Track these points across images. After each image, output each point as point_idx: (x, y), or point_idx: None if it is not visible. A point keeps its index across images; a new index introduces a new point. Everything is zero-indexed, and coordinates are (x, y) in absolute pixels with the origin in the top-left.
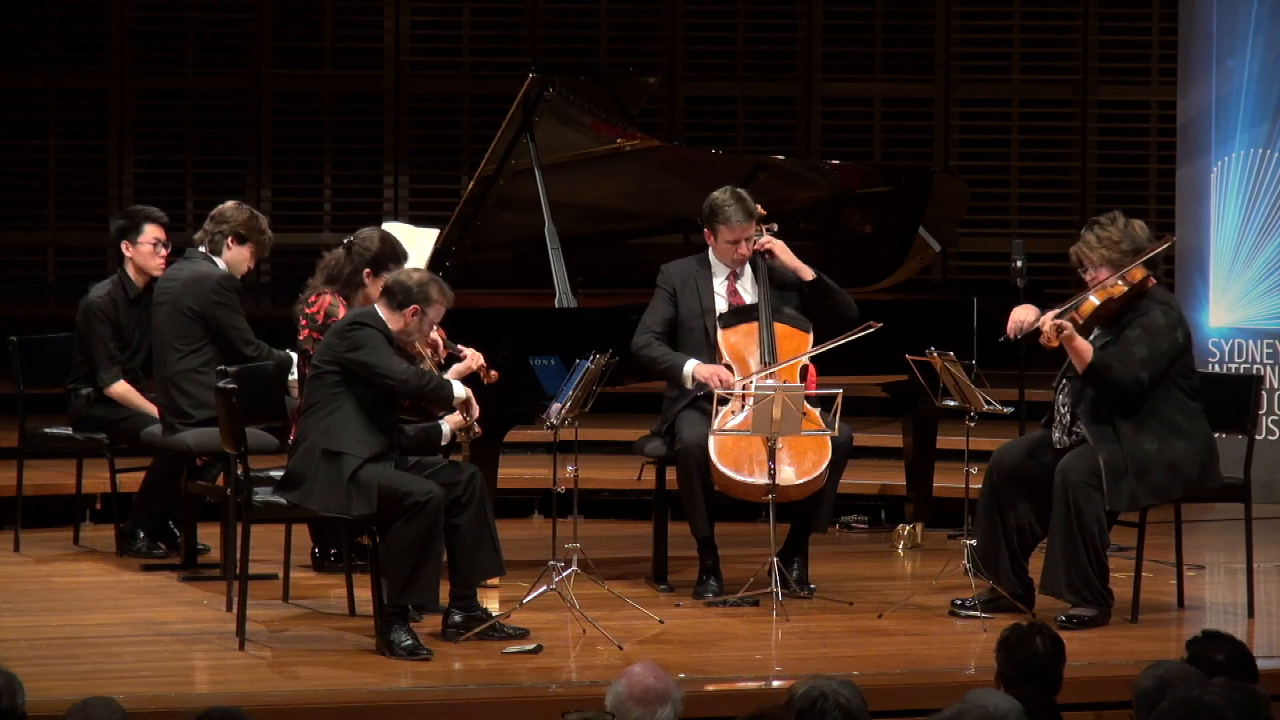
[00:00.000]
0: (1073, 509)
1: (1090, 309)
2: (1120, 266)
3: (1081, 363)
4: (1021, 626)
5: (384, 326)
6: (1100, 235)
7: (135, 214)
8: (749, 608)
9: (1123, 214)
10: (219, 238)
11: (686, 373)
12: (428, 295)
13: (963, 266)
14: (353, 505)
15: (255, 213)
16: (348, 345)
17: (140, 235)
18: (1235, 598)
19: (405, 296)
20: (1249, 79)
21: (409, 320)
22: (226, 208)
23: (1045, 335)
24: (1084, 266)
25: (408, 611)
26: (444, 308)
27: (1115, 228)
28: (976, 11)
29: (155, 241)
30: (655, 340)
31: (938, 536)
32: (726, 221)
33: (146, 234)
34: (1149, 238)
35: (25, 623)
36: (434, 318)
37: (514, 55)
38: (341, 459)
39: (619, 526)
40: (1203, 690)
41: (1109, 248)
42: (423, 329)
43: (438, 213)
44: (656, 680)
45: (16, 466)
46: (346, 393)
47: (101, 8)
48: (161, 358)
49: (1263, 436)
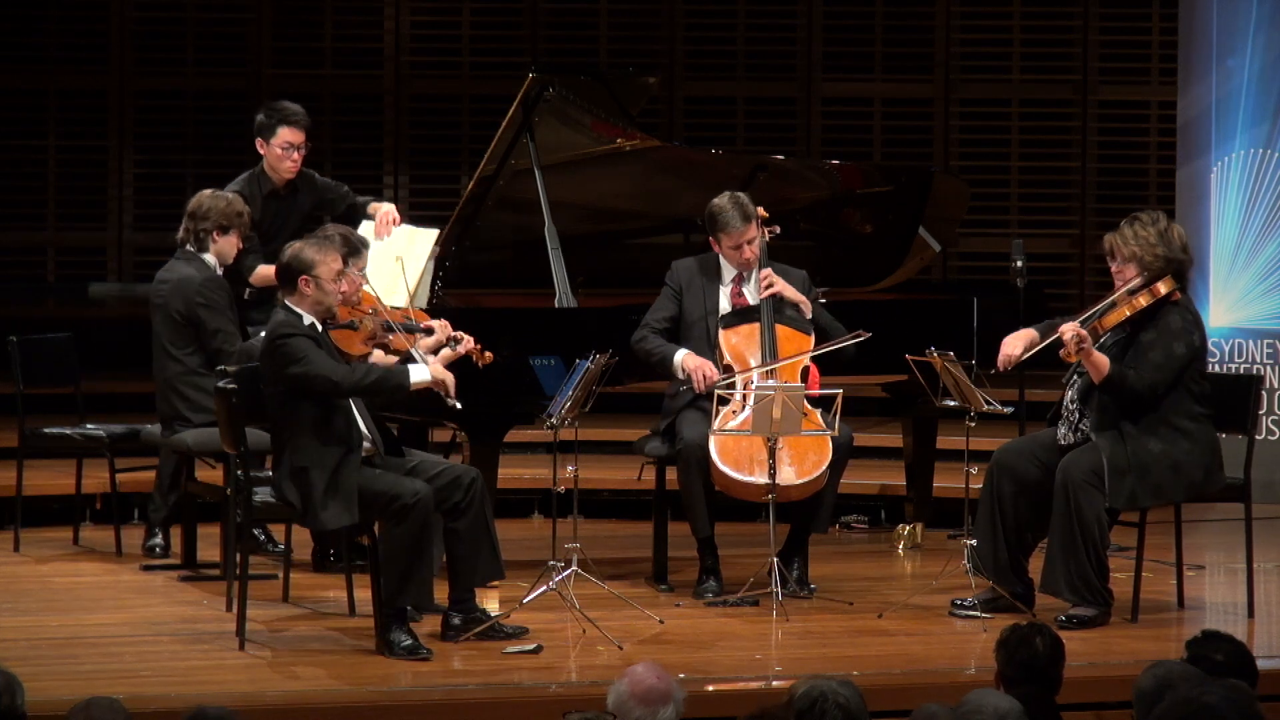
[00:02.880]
0: (1073, 508)
1: (1115, 321)
2: (1148, 268)
3: (1099, 374)
4: (1022, 627)
5: (304, 328)
6: (1138, 233)
7: (274, 112)
8: (749, 608)
9: (1166, 217)
10: (203, 234)
11: (676, 362)
12: (306, 260)
13: (963, 266)
14: (329, 517)
15: (228, 197)
16: (279, 362)
17: (274, 137)
18: (1235, 598)
19: (287, 273)
20: (1249, 79)
21: (309, 292)
22: (202, 203)
23: (1066, 349)
24: (1114, 256)
25: (406, 612)
26: (337, 256)
27: (1155, 229)
28: (976, 11)
29: (286, 145)
30: (652, 334)
31: (938, 536)
32: (725, 229)
33: (280, 136)
34: (1185, 248)
35: (25, 623)
36: (332, 271)
37: (514, 55)
38: (309, 473)
39: (619, 526)
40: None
41: (1143, 247)
42: (328, 291)
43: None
44: (659, 680)
45: (16, 466)
46: (298, 407)
47: (101, 8)
48: (159, 361)
49: (1263, 436)
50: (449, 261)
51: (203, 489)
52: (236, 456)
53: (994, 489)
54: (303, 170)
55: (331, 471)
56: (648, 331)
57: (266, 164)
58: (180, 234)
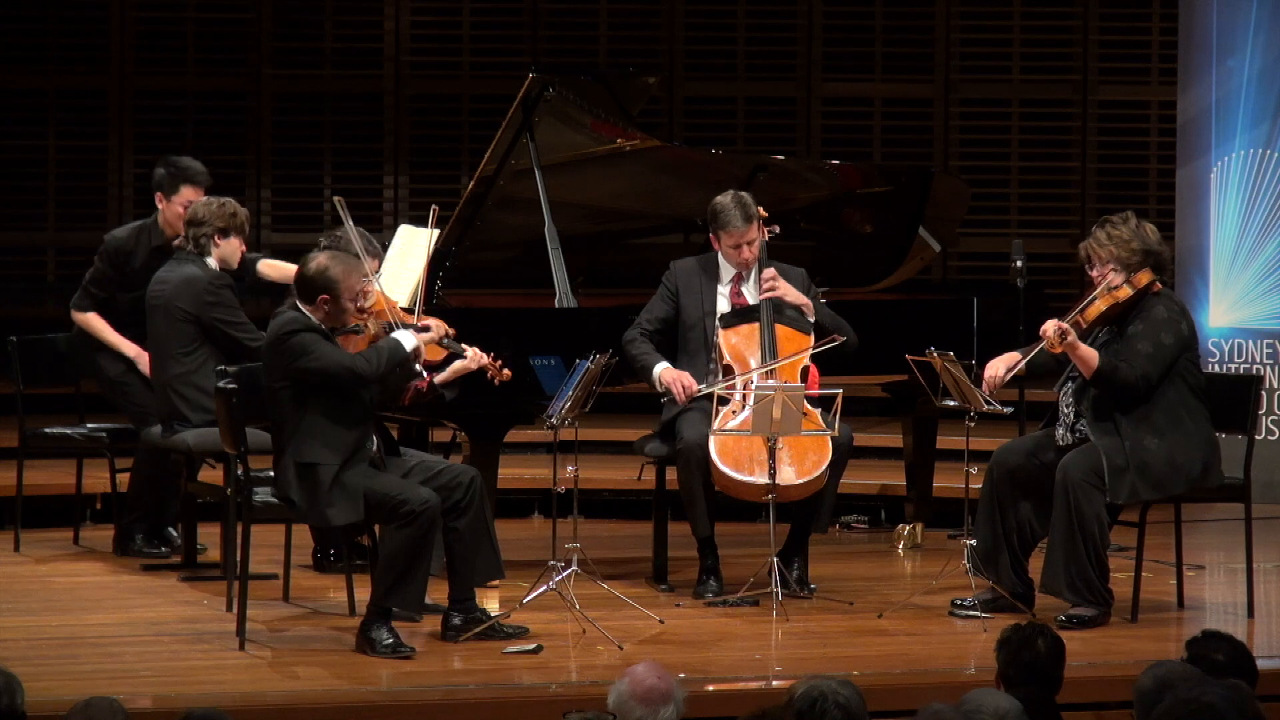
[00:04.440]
0: (1073, 508)
1: (1096, 313)
2: (1128, 266)
3: (1088, 368)
4: (1023, 627)
5: (310, 323)
6: (1111, 234)
7: (176, 172)
8: (749, 608)
9: (1135, 215)
10: (203, 239)
11: (655, 375)
12: (330, 280)
13: (963, 266)
14: (335, 514)
15: (224, 201)
16: (289, 357)
17: (176, 195)
18: (1235, 598)
19: (308, 287)
20: (1249, 79)
21: (325, 309)
22: (200, 210)
23: (1049, 340)
24: (1092, 263)
25: (391, 612)
26: (359, 277)
27: (1126, 227)
28: (976, 11)
29: (188, 204)
30: (641, 337)
31: (938, 536)
32: (726, 227)
33: (182, 195)
34: (1160, 242)
35: (25, 623)
36: (353, 292)
37: (514, 55)
38: (317, 469)
39: (619, 526)
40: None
41: (1119, 246)
42: (344, 309)
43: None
44: (660, 680)
45: (16, 466)
46: (305, 403)
47: (101, 8)
48: (159, 362)
49: (1263, 436)
50: (449, 261)
51: (203, 489)
52: (236, 456)
53: (994, 489)
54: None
55: (338, 469)
56: (637, 334)
57: (162, 218)
58: (178, 240)
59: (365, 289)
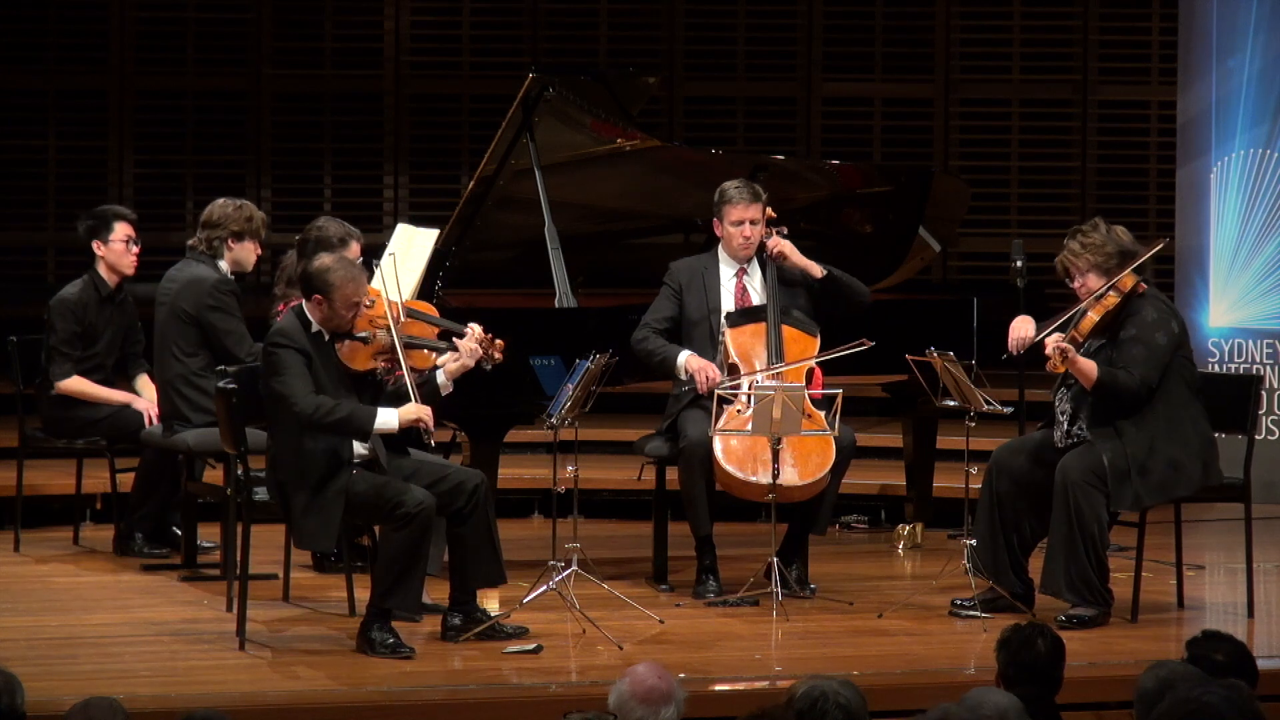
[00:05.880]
0: (1073, 508)
1: (1090, 325)
2: (1107, 271)
3: (1089, 381)
4: (1023, 627)
5: (301, 342)
6: (1084, 242)
7: (104, 213)
8: (749, 608)
9: (1103, 219)
10: (217, 242)
11: (679, 363)
12: (327, 284)
13: (963, 266)
14: (306, 539)
15: (242, 204)
16: (266, 370)
17: (111, 234)
18: (1235, 598)
19: (307, 283)
20: (1249, 79)
21: (321, 310)
22: (215, 211)
23: (1051, 361)
24: (1071, 275)
25: (390, 613)
26: (358, 289)
27: (1098, 234)
28: (976, 11)
29: (127, 239)
30: (653, 334)
31: (938, 536)
32: (731, 200)
33: (118, 232)
34: (1133, 241)
35: (25, 623)
36: (349, 301)
37: (514, 55)
38: (288, 490)
39: (619, 526)
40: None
41: (1094, 253)
42: (340, 314)
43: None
44: (660, 680)
45: (16, 466)
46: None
47: (101, 8)
48: (161, 360)
49: (1263, 436)
50: (449, 261)
51: (203, 489)
52: (236, 456)
53: (993, 489)
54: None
55: (313, 490)
56: (649, 332)
57: (103, 265)
58: (192, 240)
59: (363, 307)
